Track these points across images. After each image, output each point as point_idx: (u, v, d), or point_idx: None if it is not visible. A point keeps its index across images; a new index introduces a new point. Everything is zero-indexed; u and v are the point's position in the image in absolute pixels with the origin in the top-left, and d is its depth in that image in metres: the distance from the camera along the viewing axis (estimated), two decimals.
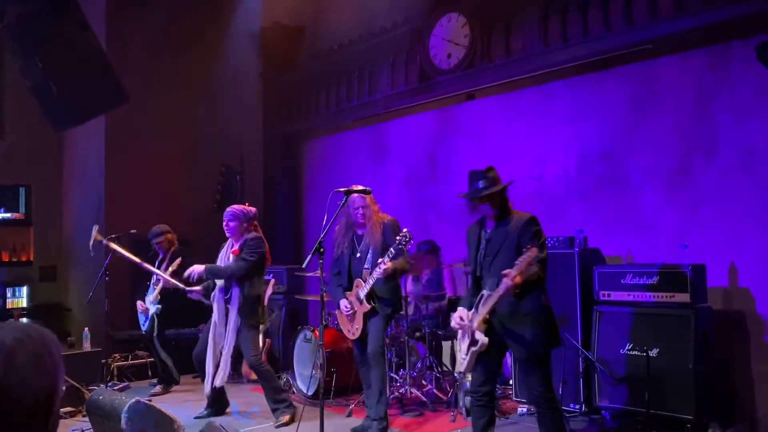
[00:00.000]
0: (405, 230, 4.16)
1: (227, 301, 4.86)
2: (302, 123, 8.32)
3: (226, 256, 4.98)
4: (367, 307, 4.38)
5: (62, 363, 1.19)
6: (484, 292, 3.45)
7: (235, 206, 5.04)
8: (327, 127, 8.20)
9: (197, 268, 4.85)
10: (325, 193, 4.00)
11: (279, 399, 4.82)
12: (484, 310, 3.40)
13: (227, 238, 5.02)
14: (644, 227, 5.24)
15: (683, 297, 4.38)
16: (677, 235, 4.95)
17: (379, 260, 4.24)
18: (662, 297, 4.48)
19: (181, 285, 5.63)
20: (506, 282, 3.20)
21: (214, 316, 4.88)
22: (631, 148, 5.36)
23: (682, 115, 5.05)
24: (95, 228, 5.74)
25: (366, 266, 4.37)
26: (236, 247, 4.91)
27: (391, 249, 4.18)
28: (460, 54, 6.23)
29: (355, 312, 4.46)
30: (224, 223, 4.93)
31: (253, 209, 5.09)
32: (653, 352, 4.39)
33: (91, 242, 5.62)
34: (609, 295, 4.76)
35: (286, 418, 4.74)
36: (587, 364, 4.74)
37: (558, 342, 3.49)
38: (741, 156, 4.71)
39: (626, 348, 4.57)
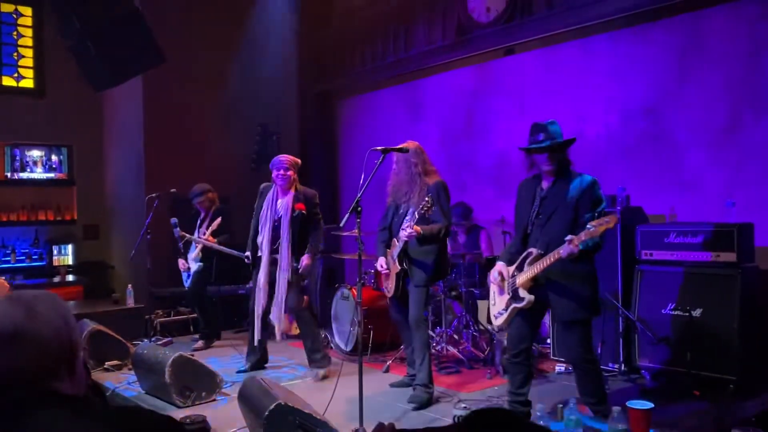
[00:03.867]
0: (427, 197, 4.03)
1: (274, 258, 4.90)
2: (338, 81, 8.24)
3: (274, 206, 4.92)
4: (397, 268, 4.37)
5: (71, 314, 1.37)
6: (533, 250, 3.36)
7: (287, 156, 4.99)
8: (362, 85, 8.12)
9: (306, 262, 4.90)
10: (361, 152, 3.97)
11: (317, 349, 4.91)
12: (534, 270, 3.32)
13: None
14: (689, 185, 5.09)
15: (729, 256, 4.27)
16: (723, 193, 4.80)
17: (406, 223, 4.21)
18: (707, 256, 4.37)
19: (223, 248, 5.76)
20: (568, 248, 3.09)
21: (264, 275, 4.90)
22: (676, 103, 5.17)
23: (731, 68, 4.83)
24: (174, 223, 5.87)
25: (403, 226, 4.34)
26: (298, 201, 4.89)
27: (415, 213, 4.13)
28: (500, 7, 6.05)
29: (390, 271, 4.46)
30: (280, 172, 4.85)
31: (298, 159, 5.10)
32: (696, 312, 4.31)
33: (178, 237, 5.88)
34: (651, 255, 4.66)
35: (324, 372, 4.83)
36: (627, 323, 4.68)
37: (599, 311, 3.43)
38: None
39: (668, 308, 4.49)
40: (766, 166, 4.64)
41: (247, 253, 5.09)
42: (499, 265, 3.56)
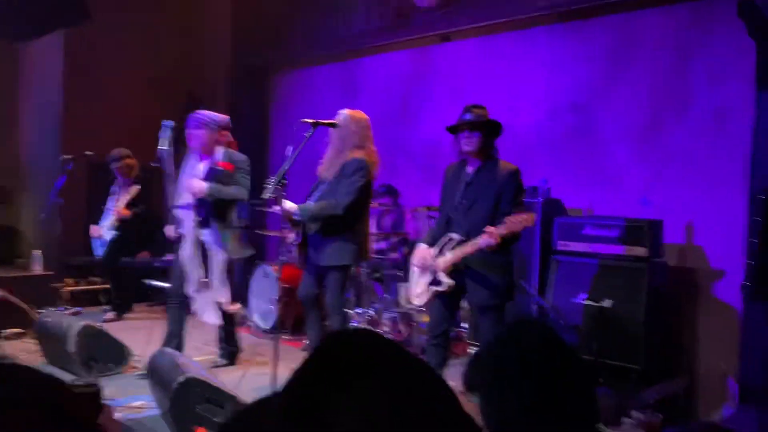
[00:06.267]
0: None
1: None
2: (272, 54, 8.05)
3: (190, 171, 4.32)
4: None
5: None
6: (454, 235, 3.41)
7: (203, 112, 4.37)
8: (297, 61, 7.96)
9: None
10: (294, 130, 3.89)
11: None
12: (454, 256, 3.37)
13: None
14: (609, 182, 5.26)
15: (639, 251, 4.44)
16: (641, 191, 4.99)
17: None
18: (619, 249, 4.54)
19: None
20: (487, 240, 3.15)
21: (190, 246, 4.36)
22: (604, 101, 5.32)
23: (658, 70, 5.01)
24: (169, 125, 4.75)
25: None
26: (219, 159, 4.27)
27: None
28: None
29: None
30: (189, 131, 4.28)
31: (225, 116, 4.39)
32: (606, 303, 4.47)
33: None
34: (567, 246, 4.80)
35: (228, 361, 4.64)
36: (541, 311, 4.82)
37: (513, 296, 3.52)
38: (712, 116, 4.72)
39: (580, 298, 4.64)
40: (683, 168, 4.85)
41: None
42: (422, 248, 3.58)
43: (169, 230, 4.98)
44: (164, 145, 4.46)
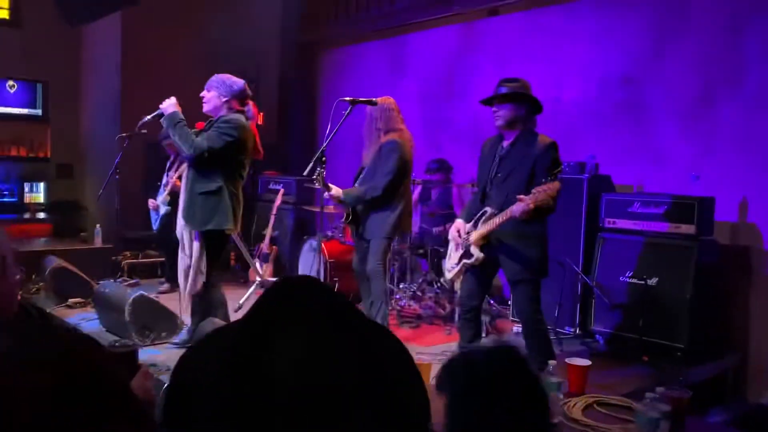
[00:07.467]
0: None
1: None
2: (320, 31, 8.11)
3: None
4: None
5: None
6: (488, 209, 3.42)
7: (219, 75, 4.07)
8: (345, 37, 8.00)
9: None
10: (345, 104, 3.95)
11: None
12: (486, 228, 3.38)
13: None
14: (659, 157, 5.13)
15: (688, 228, 4.33)
16: (691, 166, 4.84)
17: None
18: (667, 227, 4.44)
19: None
20: (520, 207, 3.10)
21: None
22: (653, 74, 5.17)
23: (710, 42, 4.82)
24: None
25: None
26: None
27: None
28: None
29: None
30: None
31: (240, 81, 4.02)
32: (652, 281, 4.39)
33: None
34: (614, 223, 4.72)
35: None
36: (585, 288, 4.77)
37: (546, 272, 3.49)
38: (765, 90, 4.52)
39: (626, 275, 4.57)
40: (733, 143, 4.68)
41: None
42: (458, 222, 3.60)
43: (151, 203, 5.58)
44: None
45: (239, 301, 5.29)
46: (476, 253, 3.41)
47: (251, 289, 5.59)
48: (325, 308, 0.74)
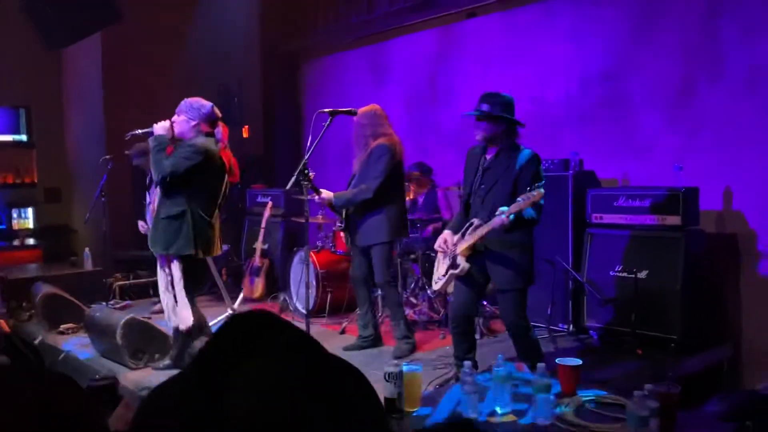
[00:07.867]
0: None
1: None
2: (301, 42, 8.11)
3: None
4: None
5: None
6: (474, 221, 3.44)
7: (188, 99, 4.06)
8: (326, 47, 8.00)
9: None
10: (325, 116, 3.95)
11: None
12: (472, 239, 3.40)
13: None
14: (642, 151, 5.14)
15: (674, 220, 4.35)
16: (675, 158, 4.85)
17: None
18: (654, 219, 4.45)
19: None
20: (498, 220, 3.19)
21: None
22: (633, 68, 5.19)
23: (688, 32, 4.85)
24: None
25: None
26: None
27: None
28: None
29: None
30: None
31: (208, 104, 3.99)
32: (642, 274, 4.40)
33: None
34: (601, 218, 4.73)
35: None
36: (576, 285, 4.78)
37: (533, 280, 3.51)
38: (746, 76, 4.54)
39: (616, 270, 4.58)
40: (717, 132, 4.70)
41: None
42: (446, 234, 3.62)
43: (141, 225, 5.60)
44: None
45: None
46: (462, 263, 3.43)
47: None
48: (276, 344, 0.74)
